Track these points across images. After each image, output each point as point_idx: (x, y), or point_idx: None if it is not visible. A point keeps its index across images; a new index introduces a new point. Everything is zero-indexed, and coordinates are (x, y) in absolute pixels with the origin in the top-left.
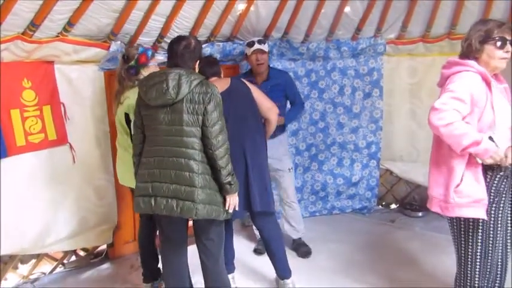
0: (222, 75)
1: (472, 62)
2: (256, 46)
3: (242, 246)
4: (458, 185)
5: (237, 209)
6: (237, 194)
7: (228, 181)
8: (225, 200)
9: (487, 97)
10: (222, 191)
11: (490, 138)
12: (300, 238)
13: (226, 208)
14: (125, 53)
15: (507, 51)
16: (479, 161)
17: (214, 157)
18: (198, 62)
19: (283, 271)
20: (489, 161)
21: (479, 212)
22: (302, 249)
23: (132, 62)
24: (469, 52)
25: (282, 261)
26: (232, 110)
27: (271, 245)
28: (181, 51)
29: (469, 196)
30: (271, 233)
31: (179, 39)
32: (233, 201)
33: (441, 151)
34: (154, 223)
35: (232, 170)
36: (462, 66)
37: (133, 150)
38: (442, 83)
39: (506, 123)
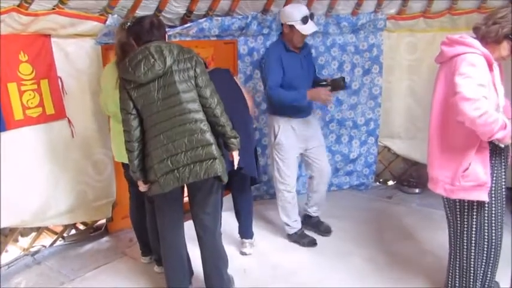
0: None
1: (476, 43)
2: (312, 29)
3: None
4: (466, 169)
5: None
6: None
7: (234, 135)
8: None
9: (489, 79)
10: (226, 147)
11: None
12: (317, 216)
13: (236, 163)
14: (130, 21)
15: None
16: (502, 145)
17: (215, 114)
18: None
19: (245, 233)
20: (508, 142)
21: (482, 195)
22: (321, 227)
23: None
24: (488, 33)
25: (246, 226)
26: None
27: (241, 212)
28: (148, 29)
29: (474, 180)
30: (247, 203)
31: (141, 19)
32: (237, 156)
33: (452, 136)
34: (143, 199)
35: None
36: (466, 47)
37: (127, 137)
38: (442, 60)
39: (503, 102)
